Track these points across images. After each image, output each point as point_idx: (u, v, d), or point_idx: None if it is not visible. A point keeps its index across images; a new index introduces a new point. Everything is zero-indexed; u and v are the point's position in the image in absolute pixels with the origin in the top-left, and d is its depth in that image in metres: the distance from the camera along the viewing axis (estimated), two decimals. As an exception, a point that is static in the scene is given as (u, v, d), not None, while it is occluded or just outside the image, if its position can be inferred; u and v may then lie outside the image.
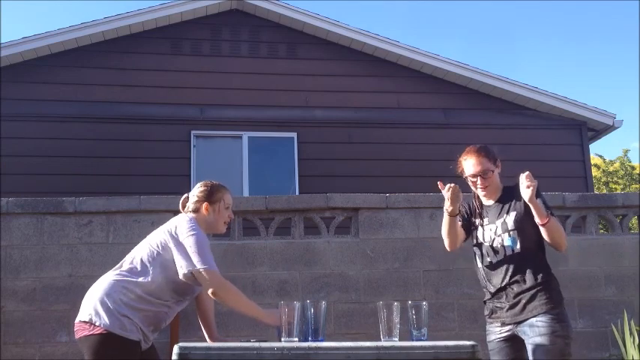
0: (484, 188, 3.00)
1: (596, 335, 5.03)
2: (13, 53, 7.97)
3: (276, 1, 8.68)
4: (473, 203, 3.14)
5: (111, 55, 8.40)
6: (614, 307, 5.08)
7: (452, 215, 3.00)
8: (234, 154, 8.33)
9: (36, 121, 7.93)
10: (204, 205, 2.96)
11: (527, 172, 2.79)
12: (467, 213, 3.14)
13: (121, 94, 8.27)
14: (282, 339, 2.46)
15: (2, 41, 8.01)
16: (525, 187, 2.76)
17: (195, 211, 2.98)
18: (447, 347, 2.39)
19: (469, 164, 2.99)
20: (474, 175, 2.98)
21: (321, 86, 8.70)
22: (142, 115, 8.17)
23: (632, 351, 4.52)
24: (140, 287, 2.74)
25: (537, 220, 2.82)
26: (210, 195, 2.98)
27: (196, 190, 3.03)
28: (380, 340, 2.51)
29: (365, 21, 44.31)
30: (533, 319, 2.82)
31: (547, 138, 9.01)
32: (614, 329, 4.79)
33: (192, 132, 8.27)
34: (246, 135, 8.38)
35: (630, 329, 4.61)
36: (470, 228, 3.12)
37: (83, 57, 8.31)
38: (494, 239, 2.98)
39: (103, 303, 2.71)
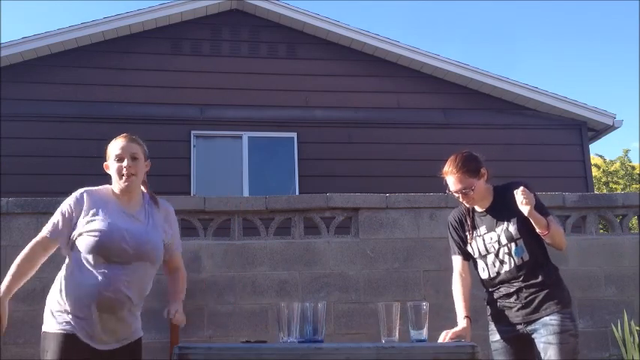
0: (468, 202, 2.98)
1: (596, 335, 5.03)
2: (13, 53, 7.97)
3: (276, 1, 8.68)
4: (461, 215, 3.07)
5: (111, 55, 8.40)
6: (614, 307, 5.08)
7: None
8: (234, 154, 8.33)
9: (36, 121, 7.93)
10: (105, 166, 2.74)
11: (522, 188, 2.76)
12: (460, 238, 3.06)
13: (121, 94, 8.26)
14: (282, 340, 2.46)
15: (2, 41, 8.02)
16: (522, 203, 2.74)
17: None
18: (446, 348, 2.39)
19: (449, 181, 2.93)
20: (455, 192, 2.95)
21: (321, 86, 8.70)
22: (142, 115, 8.17)
23: (632, 351, 4.52)
24: (63, 271, 2.65)
25: (538, 230, 2.81)
26: (106, 153, 2.73)
27: None
28: (380, 340, 2.51)
29: (365, 21, 44.34)
30: (547, 318, 2.81)
31: (547, 138, 9.01)
32: (614, 329, 4.79)
33: (192, 132, 8.27)
34: (246, 135, 8.38)
35: (630, 329, 4.62)
36: (468, 252, 3.05)
37: (83, 57, 8.31)
38: (498, 249, 2.92)
39: (46, 304, 2.65)
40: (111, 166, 2.68)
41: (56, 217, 2.64)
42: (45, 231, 2.63)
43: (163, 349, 4.64)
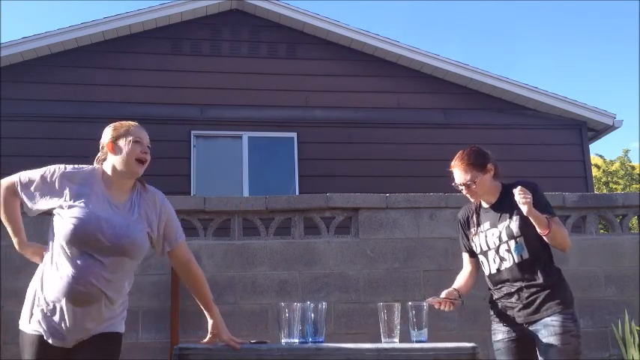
0: (471, 196, 2.99)
1: (596, 335, 5.04)
2: (13, 53, 7.97)
3: (276, 1, 8.68)
4: (468, 212, 3.09)
5: (111, 55, 8.39)
6: (614, 307, 5.09)
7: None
8: (234, 154, 8.33)
9: (36, 121, 7.93)
10: (109, 145, 2.50)
11: (519, 187, 2.77)
12: (466, 236, 3.09)
13: (121, 94, 8.26)
14: (282, 340, 2.46)
15: (2, 41, 8.02)
16: (520, 202, 2.75)
17: (105, 159, 2.54)
18: (447, 349, 2.39)
19: (455, 174, 2.96)
20: (459, 185, 2.97)
21: (321, 86, 8.70)
22: (142, 115, 8.13)
23: (632, 351, 4.52)
24: (45, 259, 2.49)
25: (538, 230, 2.81)
26: (113, 132, 2.52)
27: (102, 137, 2.58)
28: (380, 340, 2.50)
29: (365, 21, 44.34)
30: (548, 319, 2.81)
31: (547, 138, 9.01)
32: (614, 329, 4.80)
33: (192, 132, 8.26)
34: (246, 135, 8.38)
35: (630, 329, 4.62)
36: (474, 251, 3.07)
37: (83, 57, 8.31)
38: (499, 246, 2.93)
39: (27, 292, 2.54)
40: (126, 147, 2.48)
41: (35, 177, 2.58)
42: (16, 181, 2.58)
43: (163, 349, 4.65)
